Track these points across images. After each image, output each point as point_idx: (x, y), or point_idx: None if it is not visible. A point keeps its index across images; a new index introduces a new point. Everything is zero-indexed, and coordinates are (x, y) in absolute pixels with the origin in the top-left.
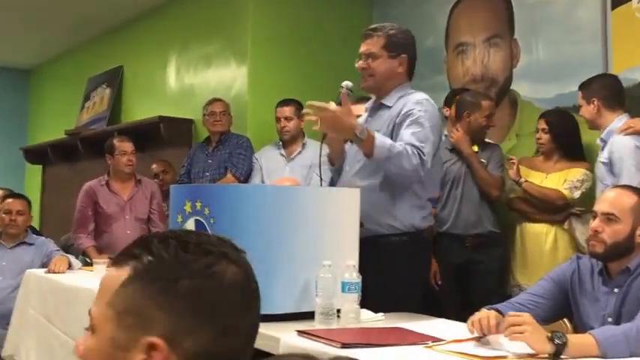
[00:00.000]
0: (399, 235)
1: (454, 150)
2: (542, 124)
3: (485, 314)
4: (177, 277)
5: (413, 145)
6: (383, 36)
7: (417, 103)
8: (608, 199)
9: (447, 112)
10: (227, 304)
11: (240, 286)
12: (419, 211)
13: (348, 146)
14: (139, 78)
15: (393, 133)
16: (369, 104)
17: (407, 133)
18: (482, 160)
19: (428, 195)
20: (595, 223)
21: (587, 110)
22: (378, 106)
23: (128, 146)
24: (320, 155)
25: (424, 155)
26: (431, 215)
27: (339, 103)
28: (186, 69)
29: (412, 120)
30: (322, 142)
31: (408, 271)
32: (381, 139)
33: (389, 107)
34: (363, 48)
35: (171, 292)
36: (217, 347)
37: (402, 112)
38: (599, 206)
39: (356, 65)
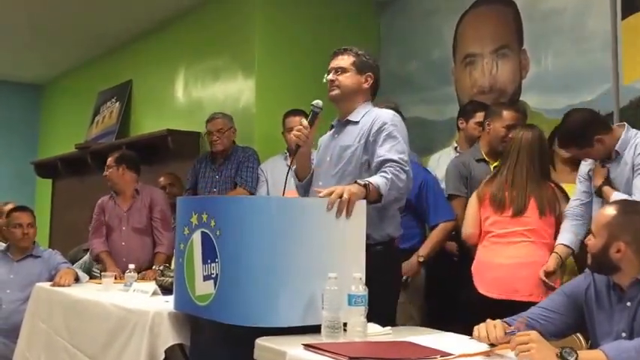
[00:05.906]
0: (374, 245)
1: (481, 160)
2: None
3: (491, 324)
4: None
5: (392, 161)
6: (352, 54)
7: (386, 119)
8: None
9: (462, 124)
10: None
11: None
12: (391, 220)
13: (315, 161)
14: (148, 92)
15: (367, 148)
16: (334, 122)
17: (384, 149)
18: None
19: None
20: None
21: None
22: (345, 123)
23: (109, 160)
24: (288, 171)
25: (406, 165)
26: (399, 223)
27: (310, 122)
28: (194, 83)
29: (386, 135)
30: (293, 157)
31: (385, 280)
32: (376, 180)
33: (356, 122)
34: (333, 64)
35: None
36: None
37: (374, 130)
38: None
39: (324, 80)
